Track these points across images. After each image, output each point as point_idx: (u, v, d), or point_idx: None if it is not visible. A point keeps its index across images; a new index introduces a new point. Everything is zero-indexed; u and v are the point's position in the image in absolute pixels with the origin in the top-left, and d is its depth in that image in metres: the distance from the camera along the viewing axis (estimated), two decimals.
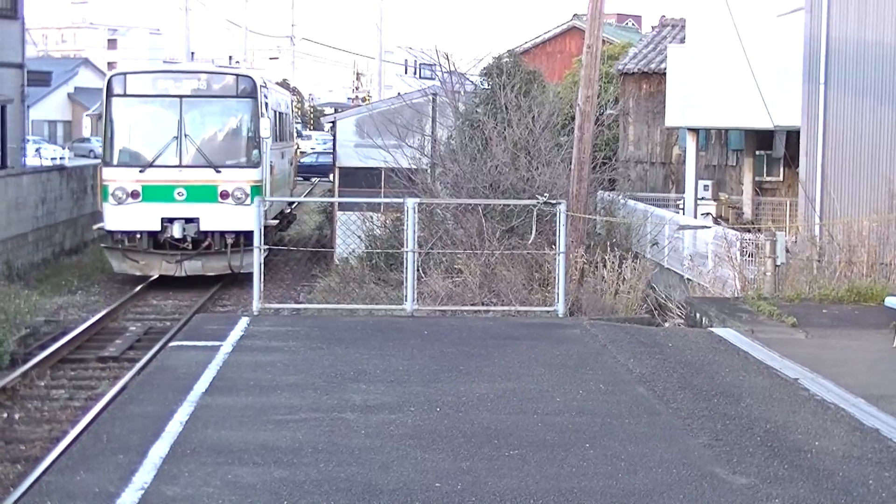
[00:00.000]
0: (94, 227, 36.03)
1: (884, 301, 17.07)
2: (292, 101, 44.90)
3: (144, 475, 9.60)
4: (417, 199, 18.92)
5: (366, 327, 16.99)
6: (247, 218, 27.55)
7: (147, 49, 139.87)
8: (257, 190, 31.77)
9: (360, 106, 56.09)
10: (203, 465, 9.88)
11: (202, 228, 32.34)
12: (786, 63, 27.39)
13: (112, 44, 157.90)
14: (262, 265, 18.27)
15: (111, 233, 33.37)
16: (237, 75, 34.29)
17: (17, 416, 19.70)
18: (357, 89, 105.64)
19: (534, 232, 20.63)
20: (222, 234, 32.60)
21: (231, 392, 12.54)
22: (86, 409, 19.27)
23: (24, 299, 29.44)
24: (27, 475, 15.63)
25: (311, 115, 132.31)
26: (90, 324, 26.77)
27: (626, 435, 11.05)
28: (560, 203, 18.70)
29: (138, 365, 22.15)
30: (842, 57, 24.78)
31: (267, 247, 20.18)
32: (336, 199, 37.66)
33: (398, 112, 34.47)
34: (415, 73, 76.55)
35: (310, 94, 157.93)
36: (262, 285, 18.17)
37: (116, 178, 32.50)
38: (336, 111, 75.48)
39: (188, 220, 32.14)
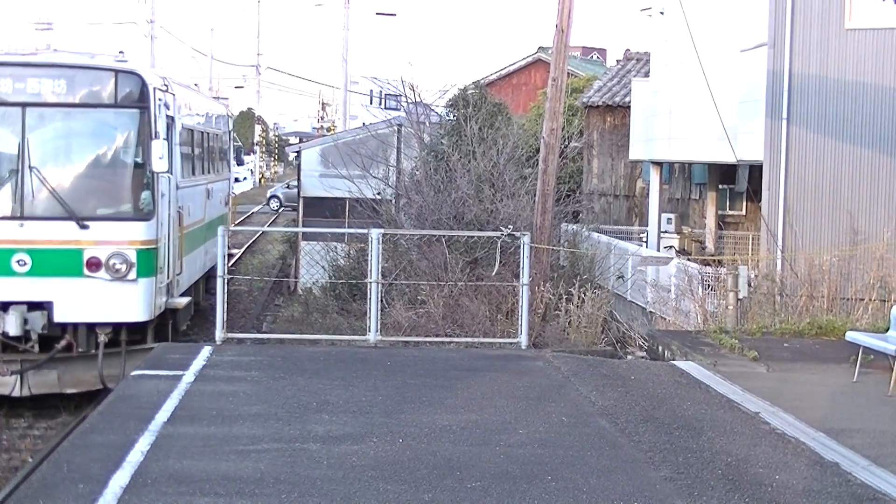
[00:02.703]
0: None
1: (845, 335, 17.18)
2: (229, 117, 31.94)
3: None
4: (381, 230, 18.95)
5: (329, 357, 16.98)
6: (130, 301, 19.29)
7: None
8: (148, 256, 19.65)
9: (324, 136, 56.09)
10: (164, 494, 9.84)
11: (57, 319, 19.35)
12: (749, 98, 27.59)
13: None
14: (226, 297, 18.17)
15: None
16: (116, 71, 20.12)
17: None
18: (322, 119, 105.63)
19: (497, 264, 20.64)
20: (90, 327, 19.56)
21: (193, 422, 12.50)
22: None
23: None
24: None
25: (276, 145, 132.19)
26: None
27: (588, 468, 11.07)
28: (524, 235, 18.74)
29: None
30: (804, 93, 24.97)
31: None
32: (300, 230, 36.30)
33: (363, 142, 34.39)
34: (380, 104, 76.71)
35: (275, 124, 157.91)
36: (225, 315, 18.12)
37: None
38: (301, 140, 75.45)
39: (33, 306, 19.26)
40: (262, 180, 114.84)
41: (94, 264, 19.39)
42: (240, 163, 38.82)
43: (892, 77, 24.17)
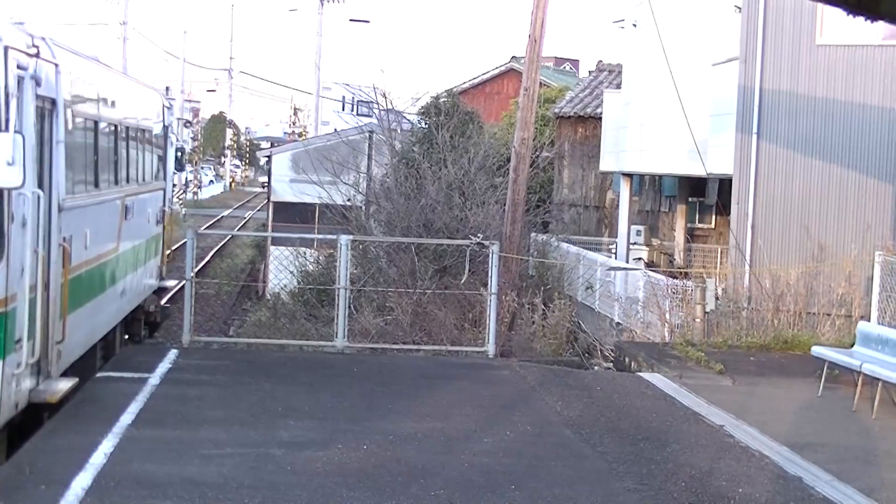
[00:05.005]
0: None
1: (810, 350, 17.25)
2: (166, 108, 24.55)
3: None
4: (350, 237, 18.92)
5: (296, 363, 16.96)
6: None
7: None
8: None
9: (296, 141, 56.04)
10: (127, 498, 9.79)
11: None
12: (720, 112, 27.68)
13: None
14: (192, 301, 18.08)
15: None
16: None
17: None
18: (294, 124, 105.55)
19: (466, 272, 20.63)
20: None
21: (157, 425, 12.45)
22: None
23: None
24: None
25: (248, 149, 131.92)
26: None
27: (553, 477, 11.08)
28: (493, 244, 18.75)
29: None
30: (775, 108, 25.07)
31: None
32: (269, 234, 35.82)
33: (334, 148, 34.38)
34: (352, 110, 76.65)
35: (247, 128, 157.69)
36: (192, 318, 18.06)
37: None
38: (273, 145, 75.34)
39: None
40: (233, 184, 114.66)
41: None
42: (180, 168, 28.99)
43: (861, 93, 24.32)
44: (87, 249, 14.97)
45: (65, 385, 13.04)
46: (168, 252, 25.08)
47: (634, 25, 34.64)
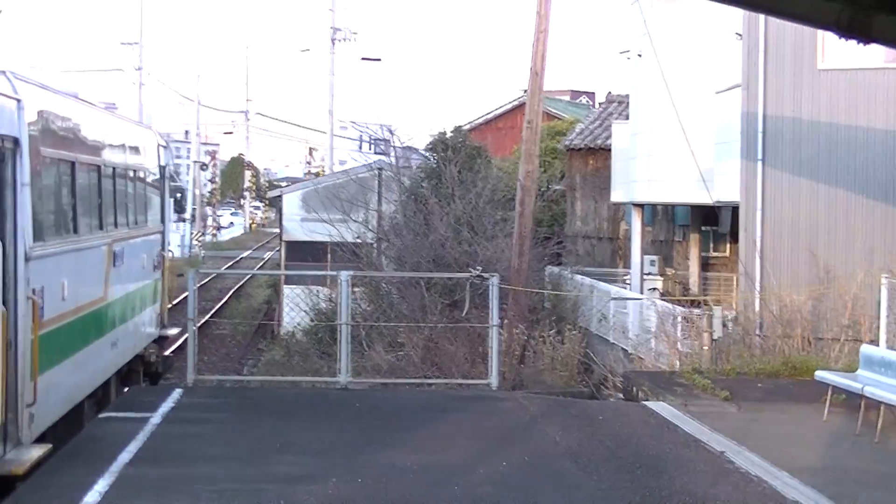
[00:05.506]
0: None
1: None
2: (162, 147, 23.32)
3: None
4: (350, 272, 18.94)
5: (299, 399, 16.98)
6: None
7: None
8: None
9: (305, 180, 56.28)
10: None
11: None
12: (724, 139, 27.68)
13: None
14: (195, 341, 18.14)
15: None
16: None
17: None
18: (309, 164, 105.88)
19: (467, 304, 20.64)
20: None
21: (154, 463, 12.49)
22: None
23: None
24: None
25: (267, 190, 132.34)
26: None
27: None
28: (492, 276, 18.75)
29: None
30: (778, 134, 25.05)
31: None
32: (280, 272, 35.77)
33: (344, 186, 34.50)
34: (369, 149, 76.86)
35: (266, 169, 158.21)
36: (196, 357, 18.11)
37: None
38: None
39: None
40: (253, 226, 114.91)
41: None
42: (180, 210, 26.33)
43: (865, 116, 24.27)
44: (64, 301, 13.92)
45: (36, 453, 12.01)
46: (168, 302, 23.80)
47: (639, 56, 34.67)
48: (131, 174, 19.23)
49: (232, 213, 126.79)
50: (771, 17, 22.61)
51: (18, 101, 12.46)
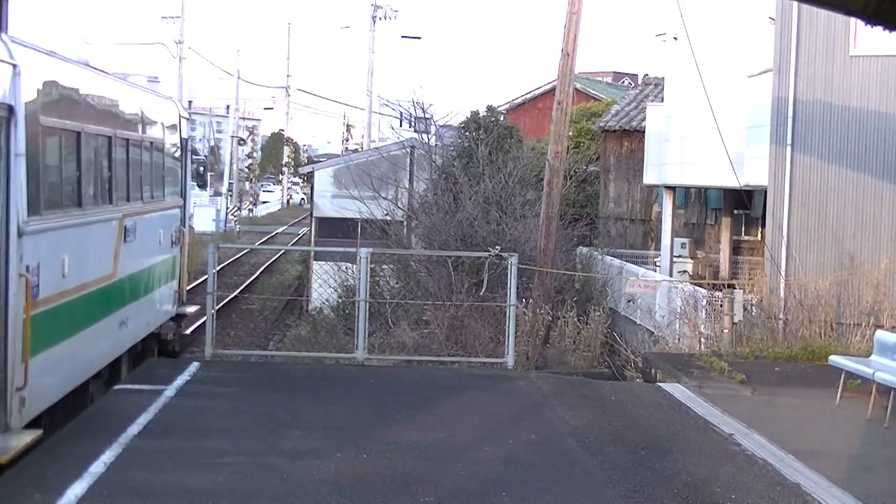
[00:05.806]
0: None
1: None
2: (184, 120, 22.38)
3: None
4: (370, 250, 19.06)
5: (313, 376, 17.10)
6: None
7: None
8: None
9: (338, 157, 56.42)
10: None
11: None
12: (755, 124, 27.58)
13: None
14: (214, 315, 18.28)
15: None
16: None
17: None
18: (347, 141, 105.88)
19: (485, 283, 20.74)
20: None
21: (163, 435, 12.64)
22: None
23: None
24: None
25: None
26: None
27: (545, 485, 11.15)
28: (511, 256, 18.81)
29: None
30: (809, 119, 24.93)
31: None
32: (302, 248, 35.56)
33: (375, 164, 34.54)
34: (410, 125, 76.90)
35: (306, 146, 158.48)
36: (213, 332, 18.27)
37: None
38: None
39: None
40: (290, 202, 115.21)
41: None
42: (202, 185, 25.41)
43: (895, 103, 24.14)
44: (65, 278, 13.17)
45: (24, 439, 11.26)
46: (187, 279, 22.67)
47: (675, 39, 34.56)
48: (147, 146, 18.33)
49: (265, 191, 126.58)
50: (801, 3, 22.50)
51: (14, 66, 11.73)
